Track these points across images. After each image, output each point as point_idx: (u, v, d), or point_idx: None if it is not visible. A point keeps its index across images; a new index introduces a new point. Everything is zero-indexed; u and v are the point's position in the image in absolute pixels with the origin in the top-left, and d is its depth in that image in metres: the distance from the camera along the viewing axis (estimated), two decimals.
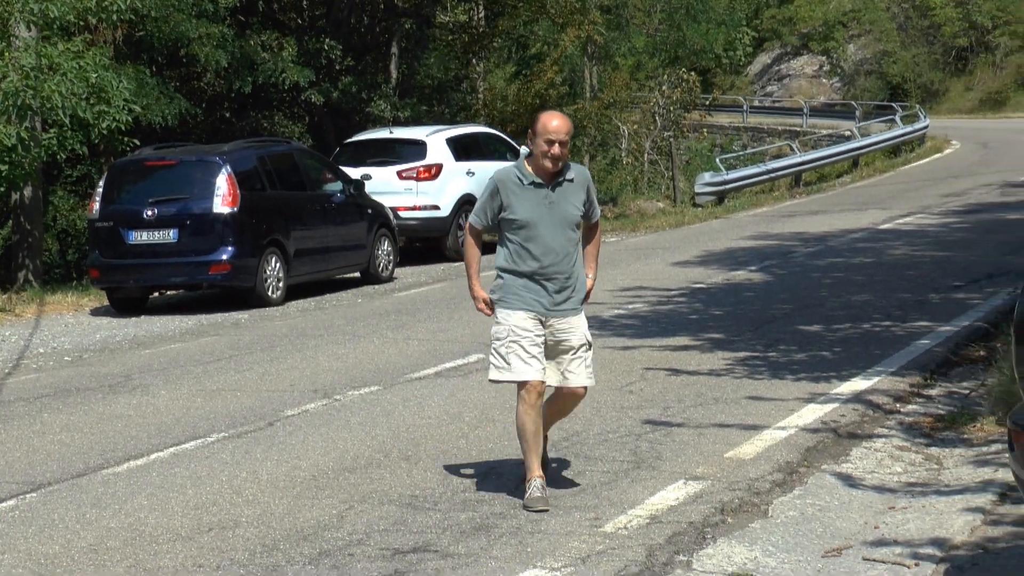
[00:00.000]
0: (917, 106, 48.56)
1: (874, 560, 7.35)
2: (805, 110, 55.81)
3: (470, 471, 9.33)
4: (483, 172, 22.86)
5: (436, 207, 22.36)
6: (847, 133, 42.94)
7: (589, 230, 8.27)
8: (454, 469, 9.38)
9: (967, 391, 11.68)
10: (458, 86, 31.28)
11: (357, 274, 20.67)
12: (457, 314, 16.89)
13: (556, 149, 7.68)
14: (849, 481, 9.11)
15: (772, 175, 34.54)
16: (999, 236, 21.89)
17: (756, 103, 61.18)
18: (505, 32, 32.00)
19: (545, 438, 8.37)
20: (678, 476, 9.06)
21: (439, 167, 22.52)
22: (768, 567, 7.18)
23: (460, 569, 7.25)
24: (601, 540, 7.65)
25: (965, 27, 58.51)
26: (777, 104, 62.68)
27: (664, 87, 34.93)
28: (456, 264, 22.39)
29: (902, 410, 11.21)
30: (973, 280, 17.58)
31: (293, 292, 19.07)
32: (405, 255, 22.40)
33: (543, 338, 7.90)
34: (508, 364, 7.80)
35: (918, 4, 60.96)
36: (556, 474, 9.17)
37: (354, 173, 21.14)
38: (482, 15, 31.10)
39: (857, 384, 11.85)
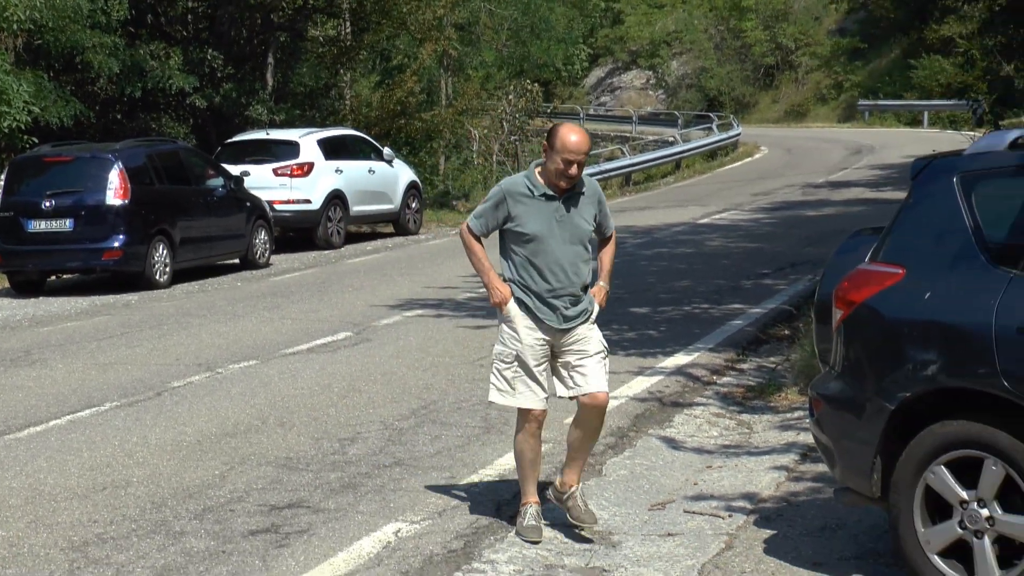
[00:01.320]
0: (731, 116, 49.32)
1: (694, 512, 7.44)
2: (634, 118, 56.52)
3: (339, 436, 9.29)
4: (350, 170, 23.18)
5: (308, 201, 22.27)
6: (671, 139, 43.37)
7: (604, 243, 7.09)
8: (324, 434, 9.35)
9: (773, 365, 11.90)
10: (327, 93, 31.07)
11: (236, 260, 20.39)
12: (327, 296, 16.82)
13: (574, 170, 6.47)
14: (672, 444, 9.21)
15: (605, 175, 34.40)
16: (801, 230, 22.22)
17: (591, 111, 61.86)
18: (370, 46, 31.90)
19: (579, 465, 6.87)
20: None
21: (311, 165, 22.46)
22: (602, 519, 7.22)
23: (330, 523, 7.26)
24: (456, 496, 7.70)
25: (772, 48, 59.85)
26: (610, 113, 63.43)
27: (511, 96, 35.05)
28: (326, 252, 22.46)
29: (718, 382, 11.35)
30: (779, 268, 17.82)
31: (179, 276, 18.73)
32: (280, 244, 22.19)
33: (547, 359, 6.71)
34: (512, 389, 6.64)
35: (732, 27, 62.40)
36: (416, 438, 9.20)
37: (234, 170, 20.96)
38: (349, 30, 30.94)
39: (679, 359, 11.96)
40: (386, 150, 25.01)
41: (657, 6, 66.49)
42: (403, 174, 25.05)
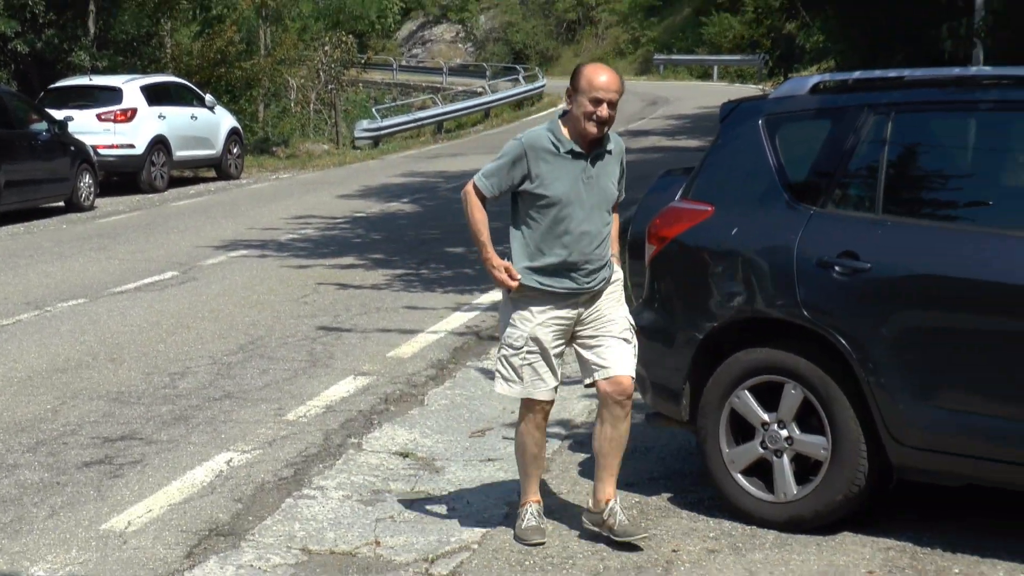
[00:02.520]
0: (536, 68, 50.06)
1: (511, 439, 7.44)
2: (445, 70, 56.34)
3: (169, 371, 9.12)
4: (173, 116, 22.70)
5: (132, 146, 21.85)
6: (479, 90, 43.83)
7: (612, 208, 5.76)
8: (155, 369, 9.14)
9: None
10: (149, 41, 30.25)
11: (62, 203, 19.75)
12: (153, 238, 16.39)
13: (604, 110, 5.25)
14: (489, 375, 9.05)
15: (419, 123, 34.90)
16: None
17: (404, 63, 62.00)
18: None
19: (613, 475, 5.60)
20: (348, 373, 9.10)
21: (134, 111, 22.04)
22: (425, 446, 7.27)
23: (163, 454, 7.10)
24: (285, 427, 7.64)
25: (574, 4, 61.99)
26: (421, 64, 63.55)
27: (327, 47, 34.98)
28: (151, 195, 21.96)
29: None
30: None
31: (3, 219, 18.01)
32: (104, 188, 21.58)
33: (564, 343, 5.51)
34: (520, 378, 5.47)
35: None
36: (244, 372, 9.12)
37: (58, 115, 20.34)
38: None
39: (495, 295, 11.86)
40: (208, 97, 24.61)
41: None
42: (224, 121, 24.72)
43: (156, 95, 22.80)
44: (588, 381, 5.47)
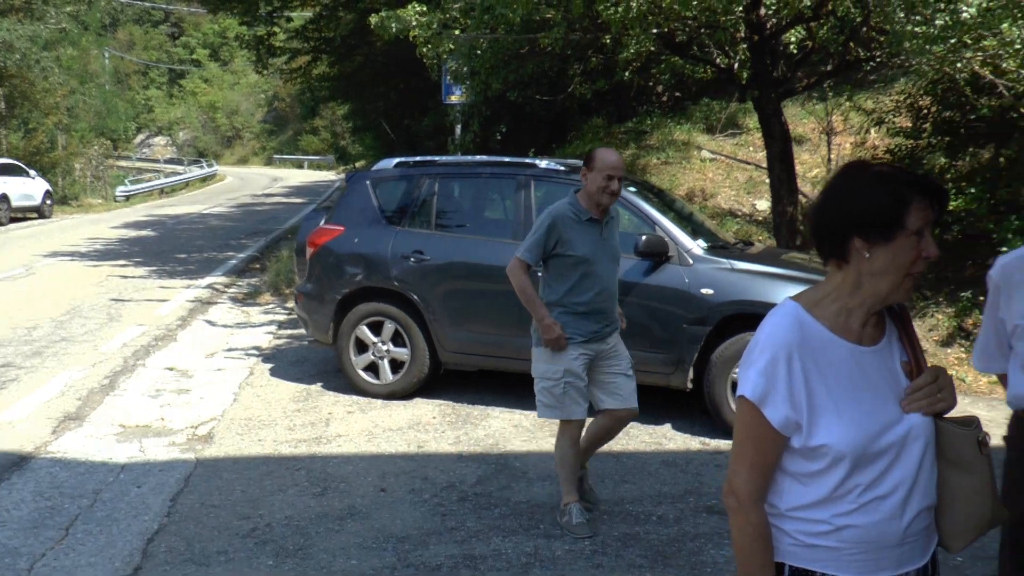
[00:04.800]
0: (211, 160, 59.12)
1: (230, 356, 9.42)
2: (162, 160, 66.29)
3: (26, 326, 10.78)
4: (12, 181, 26.72)
5: None
6: (181, 171, 51.55)
7: None
8: (17, 325, 10.80)
9: (256, 282, 14.38)
10: None
11: None
12: (5, 250, 18.41)
13: (615, 185, 5.12)
14: (212, 323, 11.24)
15: (151, 188, 41.30)
16: (255, 216, 26.91)
17: (138, 156, 69.31)
18: None
19: (589, 454, 5.64)
20: (132, 324, 10.92)
21: None
22: (182, 363, 8.96)
23: (30, 374, 8.61)
24: (100, 356, 9.35)
25: (230, 126, 74.17)
26: (148, 157, 70.57)
27: (95, 147, 41.48)
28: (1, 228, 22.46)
29: (229, 291, 13.59)
30: (248, 235, 21.62)
31: None
32: None
33: (586, 375, 5.29)
34: (561, 404, 5.19)
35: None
36: (72, 324, 10.68)
37: None
38: None
39: (209, 279, 14.42)
40: (31, 171, 28.27)
41: (171, 97, 77.75)
42: (41, 184, 28.46)
43: (2, 169, 26.10)
44: (602, 407, 5.33)
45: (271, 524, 5.38)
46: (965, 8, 7.73)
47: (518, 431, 7.13)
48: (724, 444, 6.90)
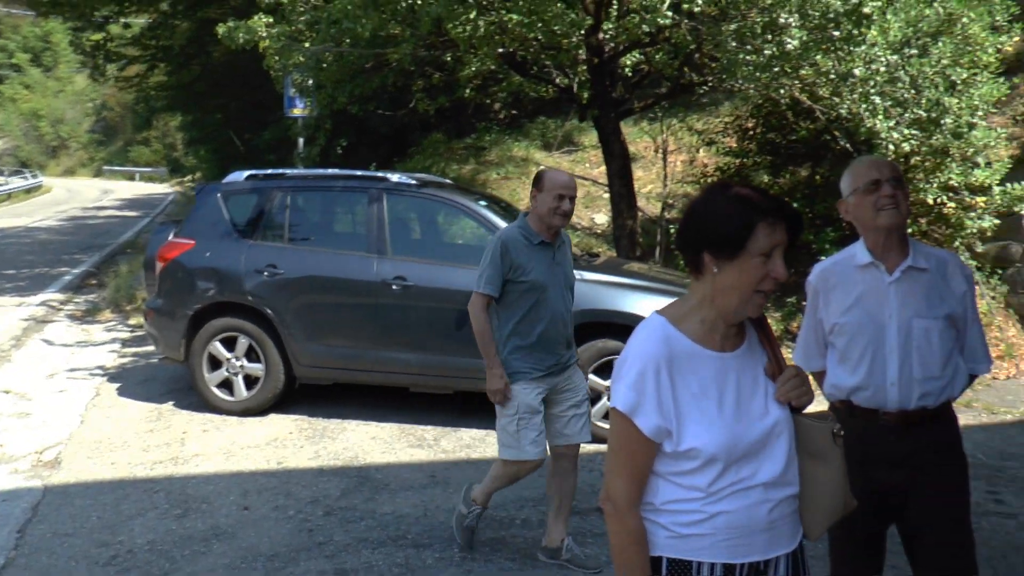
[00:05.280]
0: (38, 171, 55.41)
1: (74, 377, 8.98)
2: None
3: None
4: None
5: None
6: (1, 181, 46.08)
7: None
8: None
9: (95, 298, 13.70)
10: None
11: None
12: None
13: (567, 205, 4.72)
14: (50, 342, 10.70)
15: None
16: (88, 230, 25.31)
17: None
18: None
19: (566, 515, 5.04)
20: None
21: None
22: (18, 386, 8.51)
23: None
24: None
25: (55, 135, 68.63)
26: None
27: None
28: None
29: (66, 308, 12.90)
30: (82, 249, 20.22)
31: None
32: None
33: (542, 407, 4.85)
34: (517, 444, 4.75)
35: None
36: None
37: None
38: None
39: (43, 296, 13.63)
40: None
41: None
42: None
43: None
44: (552, 443, 4.95)
45: (132, 550, 5.15)
46: (789, 40, 8.12)
47: (376, 443, 7.11)
48: None
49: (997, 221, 9.74)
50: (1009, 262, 10.35)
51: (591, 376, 6.99)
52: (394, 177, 7.84)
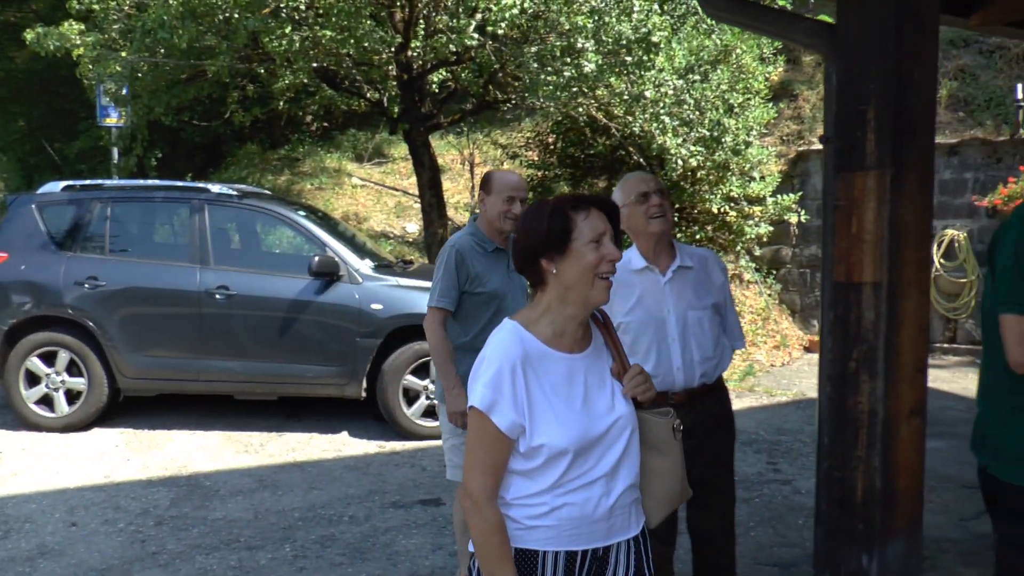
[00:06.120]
0: None
1: None
2: None
3: None
4: None
5: None
6: None
7: None
8: None
9: None
10: None
11: None
12: None
13: (517, 207, 4.22)
14: None
15: None
16: None
17: None
18: None
19: None
20: None
21: None
22: None
23: None
24: None
25: None
26: None
27: None
28: None
29: None
30: None
31: None
32: None
33: None
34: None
35: None
36: None
37: None
38: None
39: None
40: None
41: None
42: None
43: None
44: None
45: None
46: (586, 63, 8.49)
47: (203, 451, 6.99)
48: (399, 446, 7.12)
49: (771, 228, 10.52)
50: (781, 264, 11.21)
51: (408, 377, 7.10)
52: (215, 188, 7.72)
